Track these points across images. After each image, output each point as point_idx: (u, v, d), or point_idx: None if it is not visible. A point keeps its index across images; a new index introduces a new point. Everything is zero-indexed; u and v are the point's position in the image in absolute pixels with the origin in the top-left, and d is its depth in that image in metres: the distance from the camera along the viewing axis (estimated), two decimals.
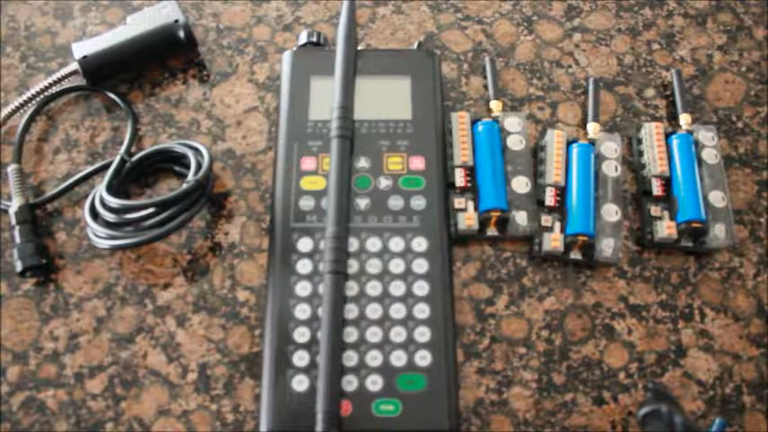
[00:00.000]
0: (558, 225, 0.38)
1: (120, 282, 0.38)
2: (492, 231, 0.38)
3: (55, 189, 0.39)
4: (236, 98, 0.43)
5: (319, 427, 0.32)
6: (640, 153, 0.41)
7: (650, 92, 0.43)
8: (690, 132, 0.41)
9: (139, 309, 0.37)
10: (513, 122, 0.41)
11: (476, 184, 0.39)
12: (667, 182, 0.39)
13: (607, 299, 0.38)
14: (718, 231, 0.38)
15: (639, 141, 0.41)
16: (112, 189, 0.37)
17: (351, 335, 0.34)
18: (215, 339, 0.37)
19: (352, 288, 0.35)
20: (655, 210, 0.39)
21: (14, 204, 0.38)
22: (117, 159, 0.39)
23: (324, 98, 0.39)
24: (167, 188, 0.40)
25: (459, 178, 0.39)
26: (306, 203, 0.37)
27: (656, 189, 0.39)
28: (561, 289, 0.38)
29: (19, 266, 0.37)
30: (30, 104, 0.41)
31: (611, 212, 0.38)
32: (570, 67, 0.44)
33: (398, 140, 0.38)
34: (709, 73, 0.44)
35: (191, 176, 0.37)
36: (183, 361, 0.36)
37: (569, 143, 0.40)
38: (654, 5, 0.46)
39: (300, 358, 0.33)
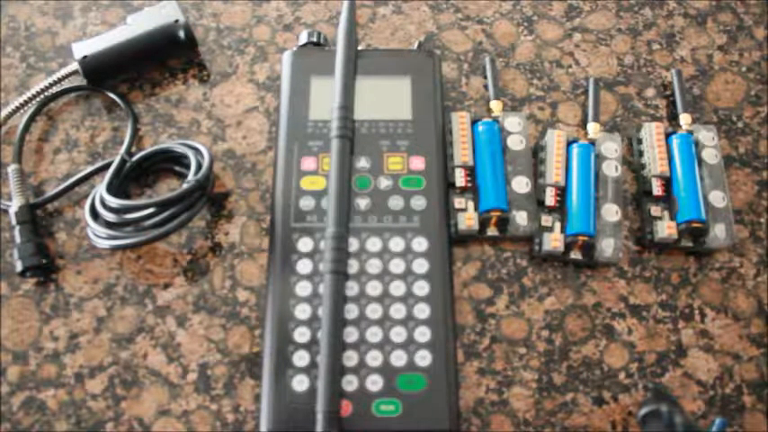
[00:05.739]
0: (558, 225, 0.38)
1: (121, 282, 0.38)
2: (492, 231, 0.38)
3: (55, 189, 0.39)
4: (237, 98, 0.43)
5: (319, 427, 0.32)
6: (640, 153, 0.41)
7: (650, 92, 0.43)
8: (690, 132, 0.41)
9: (139, 309, 0.37)
10: (513, 122, 0.41)
11: (476, 184, 0.39)
12: (667, 182, 0.39)
13: (607, 299, 0.38)
14: (719, 231, 0.38)
15: (640, 141, 0.41)
16: (113, 189, 0.37)
17: (351, 335, 0.34)
18: (215, 339, 0.37)
19: (352, 288, 0.35)
20: (655, 210, 0.39)
21: (15, 204, 0.38)
22: (117, 159, 0.39)
23: (324, 98, 0.39)
24: (167, 188, 0.40)
25: (460, 178, 0.39)
26: (306, 203, 0.37)
27: (657, 189, 0.39)
28: (561, 289, 0.38)
29: (19, 266, 0.37)
30: (30, 104, 0.41)
31: (612, 212, 0.38)
32: (570, 67, 0.44)
33: (398, 140, 0.38)
34: (710, 73, 0.44)
35: (191, 176, 0.37)
36: (184, 361, 0.36)
37: (569, 143, 0.40)
38: (654, 5, 0.46)
39: (300, 358, 0.33)
